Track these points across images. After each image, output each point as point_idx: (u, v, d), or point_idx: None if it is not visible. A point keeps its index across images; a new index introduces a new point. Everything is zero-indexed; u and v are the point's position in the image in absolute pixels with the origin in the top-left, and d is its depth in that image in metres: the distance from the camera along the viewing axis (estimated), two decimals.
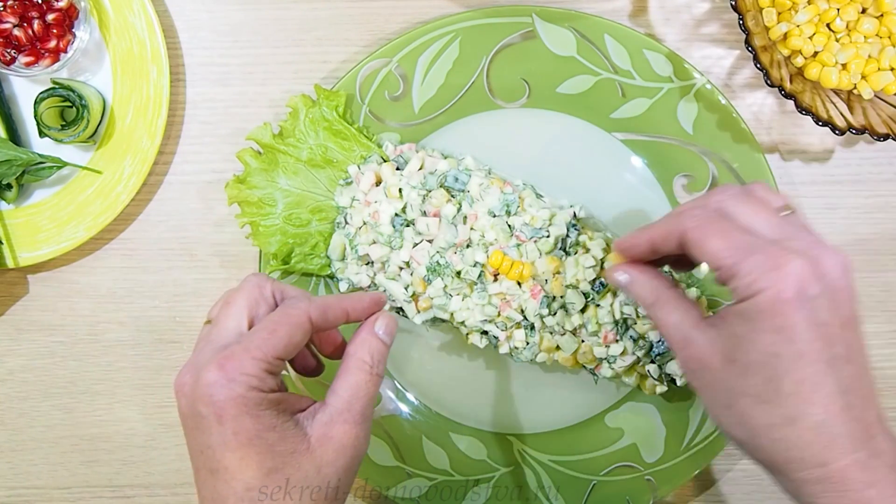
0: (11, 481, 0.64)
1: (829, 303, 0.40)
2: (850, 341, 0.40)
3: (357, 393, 0.44)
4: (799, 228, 0.42)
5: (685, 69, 0.58)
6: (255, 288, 0.45)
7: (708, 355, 0.42)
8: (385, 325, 0.46)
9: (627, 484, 0.59)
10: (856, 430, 0.39)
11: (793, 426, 0.40)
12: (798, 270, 0.39)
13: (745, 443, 0.42)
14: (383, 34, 0.62)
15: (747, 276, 0.40)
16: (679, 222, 0.44)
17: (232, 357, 0.41)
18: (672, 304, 0.45)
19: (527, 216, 0.56)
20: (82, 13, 0.59)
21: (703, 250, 0.42)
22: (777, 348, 0.40)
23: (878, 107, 0.57)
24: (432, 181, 0.57)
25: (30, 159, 0.60)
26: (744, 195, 0.44)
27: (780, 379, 0.40)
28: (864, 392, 0.40)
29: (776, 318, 0.39)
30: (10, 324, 0.64)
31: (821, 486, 0.40)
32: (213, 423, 0.40)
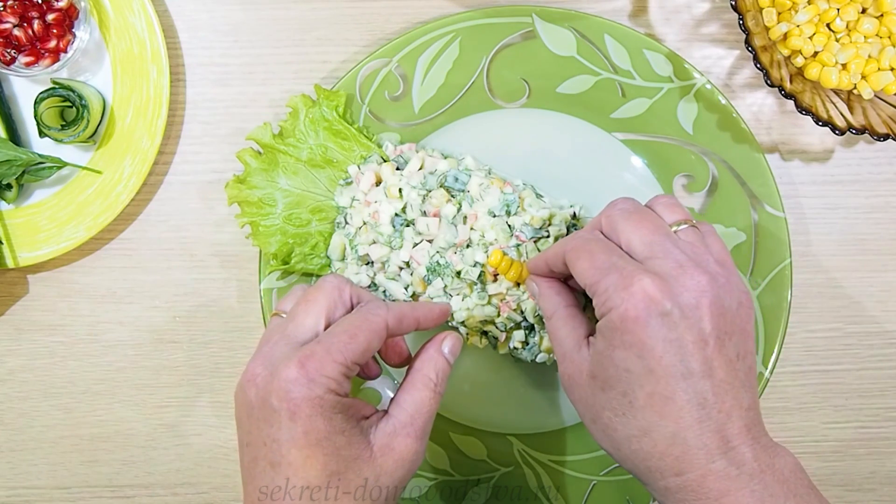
0: (11, 481, 0.64)
1: (683, 320, 0.41)
2: (707, 357, 0.41)
3: (420, 409, 0.45)
4: (679, 246, 0.44)
5: (685, 69, 0.58)
6: (334, 289, 0.46)
7: (577, 372, 0.45)
8: (451, 345, 0.48)
9: (627, 484, 0.59)
10: (711, 442, 0.41)
11: (647, 437, 0.42)
12: (645, 289, 0.41)
13: (612, 453, 0.45)
14: (383, 34, 0.62)
15: (603, 295, 0.43)
16: (563, 244, 0.47)
17: (313, 356, 0.42)
18: (563, 320, 0.47)
19: (527, 216, 0.56)
20: (82, 13, 0.60)
21: (574, 270, 0.45)
22: (628, 364, 0.41)
23: (878, 107, 0.57)
24: (432, 181, 0.57)
25: (30, 159, 0.60)
26: (630, 211, 0.46)
27: (633, 393, 0.42)
28: (727, 405, 0.41)
29: (626, 334, 0.41)
30: (10, 324, 0.64)
31: (680, 494, 0.41)
32: (285, 419, 0.41)
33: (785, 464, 0.42)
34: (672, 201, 0.47)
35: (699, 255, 0.43)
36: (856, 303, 0.63)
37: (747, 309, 0.44)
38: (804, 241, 0.62)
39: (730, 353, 0.42)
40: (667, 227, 0.45)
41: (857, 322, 0.63)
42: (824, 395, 0.63)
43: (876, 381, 0.63)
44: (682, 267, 0.42)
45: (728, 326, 0.42)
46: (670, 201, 0.47)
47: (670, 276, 0.42)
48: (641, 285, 0.41)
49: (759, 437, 0.42)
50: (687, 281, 0.42)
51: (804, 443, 0.63)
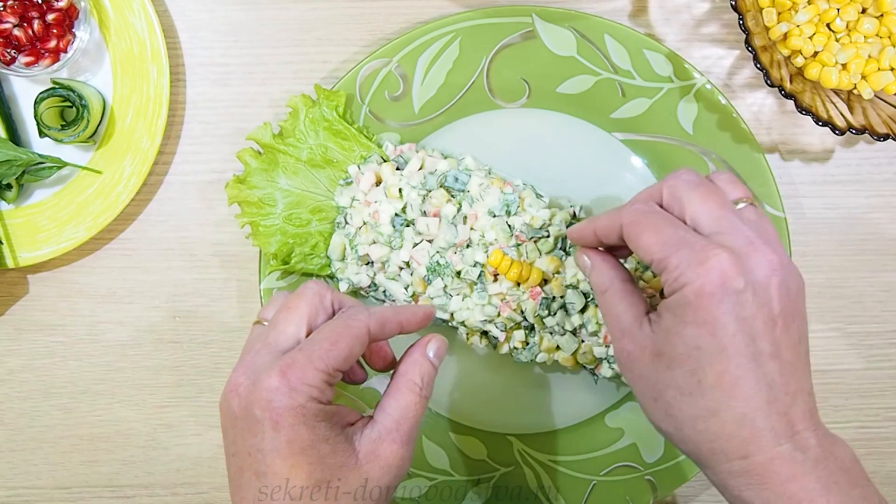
0: (11, 481, 0.64)
1: (755, 298, 0.40)
2: (776, 338, 0.41)
3: (406, 414, 0.45)
4: (746, 223, 0.43)
5: (685, 69, 0.58)
6: (315, 296, 0.45)
7: (639, 349, 0.44)
8: (436, 348, 0.47)
9: (627, 484, 0.59)
10: (779, 425, 0.40)
11: (715, 418, 0.41)
12: (722, 265, 0.40)
13: (672, 435, 0.43)
14: (383, 34, 0.62)
15: (675, 271, 0.41)
16: (619, 216, 0.45)
17: (294, 365, 0.41)
18: (620, 295, 0.46)
19: (527, 216, 0.56)
20: (82, 13, 0.59)
21: (637, 245, 0.44)
22: (699, 341, 0.41)
23: (878, 107, 0.57)
24: (432, 181, 0.57)
25: (30, 159, 0.60)
26: (697, 182, 0.44)
27: (702, 371, 0.41)
28: (792, 388, 0.41)
29: (699, 311, 0.40)
30: (10, 324, 0.64)
31: (744, 478, 0.41)
32: (268, 429, 0.41)
33: (845, 453, 0.41)
34: (734, 178, 0.46)
35: (762, 233, 0.43)
36: (856, 303, 0.63)
37: (804, 293, 0.43)
38: (804, 241, 0.62)
39: (794, 336, 0.41)
40: (731, 203, 0.44)
41: (857, 322, 0.63)
42: (824, 395, 0.63)
43: (876, 381, 0.63)
44: (752, 244, 0.41)
45: (792, 308, 0.41)
46: (732, 178, 0.46)
47: (743, 252, 0.41)
48: (718, 260, 0.40)
49: (819, 424, 0.42)
50: (759, 258, 0.41)
51: None
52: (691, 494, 0.63)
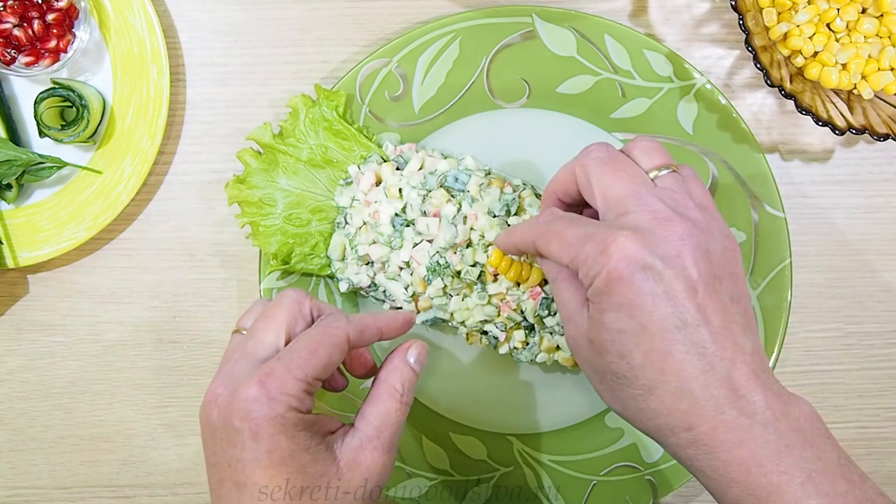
0: (11, 481, 0.64)
1: (667, 270, 0.40)
2: (700, 304, 0.40)
3: (387, 421, 0.44)
4: (658, 194, 0.42)
5: (685, 69, 0.58)
6: (294, 304, 0.45)
7: (579, 335, 0.44)
8: (417, 354, 0.47)
9: (627, 484, 0.59)
10: (719, 392, 0.40)
11: (652, 395, 0.41)
12: (624, 247, 0.40)
13: (621, 414, 0.44)
14: (383, 34, 0.62)
15: (584, 266, 0.42)
16: (529, 232, 0.46)
17: (273, 374, 0.41)
18: (566, 282, 0.46)
19: (527, 216, 0.56)
20: (82, 13, 0.59)
21: (550, 256, 0.45)
22: (619, 324, 0.41)
23: (878, 107, 0.57)
24: (432, 181, 0.57)
25: (30, 159, 0.60)
26: (605, 160, 0.45)
27: (630, 353, 0.41)
28: (729, 353, 0.40)
29: (612, 296, 0.40)
30: (10, 324, 0.64)
31: (692, 449, 0.40)
32: (248, 439, 0.41)
33: (800, 412, 0.40)
34: (652, 145, 0.45)
35: (678, 202, 0.42)
36: (856, 303, 0.63)
37: (733, 252, 0.42)
38: (804, 241, 0.62)
39: (723, 298, 0.41)
40: (644, 175, 0.44)
41: (857, 322, 0.63)
42: (824, 395, 0.63)
43: (876, 381, 0.63)
44: (658, 218, 0.41)
45: (716, 271, 0.41)
46: (649, 145, 0.45)
47: (647, 229, 0.41)
48: (618, 245, 0.40)
49: (770, 383, 0.40)
50: (664, 231, 0.41)
51: None
52: (691, 494, 0.63)
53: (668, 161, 0.45)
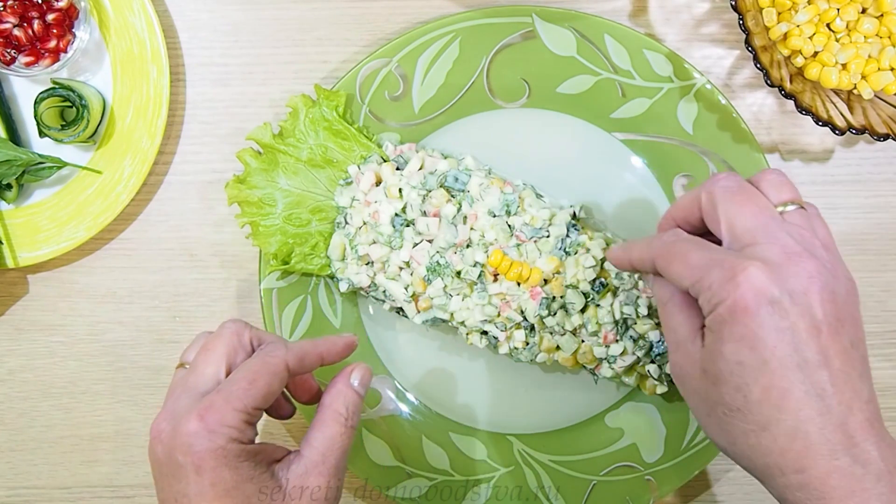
0: (11, 481, 0.64)
1: (793, 307, 0.39)
2: (823, 346, 0.39)
3: (332, 445, 0.45)
4: (787, 229, 0.42)
5: (685, 69, 0.58)
6: (233, 335, 0.45)
7: (690, 364, 0.43)
8: (360, 377, 0.47)
9: (627, 484, 0.59)
10: (834, 437, 0.39)
11: (766, 432, 0.40)
12: (752, 278, 0.39)
13: (727, 449, 0.43)
14: (383, 34, 0.62)
15: (707, 292, 0.41)
16: (649, 250, 0.45)
17: (212, 407, 0.41)
18: (679, 308, 0.45)
19: (527, 216, 0.56)
20: (82, 13, 0.59)
21: (670, 276, 0.44)
22: (740, 357, 0.40)
23: (878, 107, 0.57)
24: (432, 181, 0.57)
25: (30, 159, 0.60)
26: (734, 189, 0.44)
27: (747, 387, 0.40)
28: (847, 397, 0.39)
29: (735, 326, 0.40)
30: (10, 324, 0.64)
31: (801, 493, 0.39)
32: (191, 473, 0.41)
33: None
34: (781, 179, 0.44)
35: (806, 239, 0.41)
36: None
37: (855, 296, 0.42)
38: None
39: (844, 342, 0.40)
40: (772, 208, 0.43)
41: None
42: None
43: (876, 381, 0.62)
44: (788, 253, 0.40)
45: (840, 313, 0.40)
46: (779, 179, 0.44)
47: (776, 262, 0.40)
48: (747, 274, 0.39)
49: (884, 434, 0.40)
50: (794, 267, 0.40)
51: None
52: (691, 494, 0.63)
53: (797, 197, 0.44)
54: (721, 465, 0.63)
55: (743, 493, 0.63)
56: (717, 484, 0.63)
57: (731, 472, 0.63)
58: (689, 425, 0.59)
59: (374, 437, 0.59)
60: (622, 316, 0.55)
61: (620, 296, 0.55)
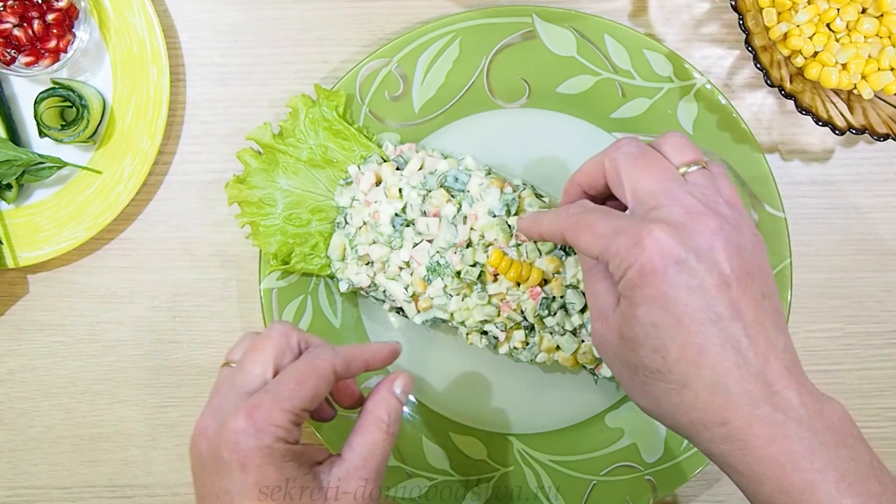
0: (11, 481, 0.64)
1: (700, 264, 0.40)
2: (733, 298, 0.40)
3: (373, 451, 0.45)
4: (690, 190, 0.42)
5: (685, 69, 0.58)
6: (282, 337, 0.46)
7: (610, 331, 0.44)
8: (403, 385, 0.48)
9: (627, 484, 0.59)
10: (754, 387, 0.39)
11: (687, 390, 0.40)
12: (656, 240, 0.40)
13: (651, 411, 0.43)
14: (383, 34, 0.62)
15: (615, 258, 0.42)
16: (558, 222, 0.46)
17: (261, 406, 0.41)
18: (603, 276, 0.45)
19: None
20: (82, 13, 0.59)
21: (579, 247, 0.44)
22: (653, 318, 0.40)
23: (878, 107, 0.57)
24: (432, 181, 0.57)
25: (30, 159, 0.60)
26: (636, 154, 0.44)
27: (664, 347, 0.40)
28: (762, 348, 0.40)
29: (645, 289, 0.40)
30: (10, 324, 0.64)
31: (726, 444, 0.40)
32: (236, 471, 0.41)
33: (833, 411, 0.40)
34: (682, 141, 0.45)
35: (709, 198, 0.42)
36: (856, 303, 0.63)
37: (761, 249, 0.42)
38: (804, 241, 0.62)
39: (755, 294, 0.41)
40: (675, 170, 0.43)
41: (857, 322, 0.63)
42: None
43: (876, 381, 0.63)
44: (691, 212, 0.41)
45: (748, 266, 0.41)
46: (680, 141, 0.45)
47: (680, 223, 0.41)
48: (652, 237, 0.40)
49: (803, 381, 0.40)
50: (697, 226, 0.40)
51: None
52: (691, 494, 0.63)
53: (699, 157, 0.44)
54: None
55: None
56: (717, 484, 0.63)
57: None
58: None
59: None
60: None
61: None
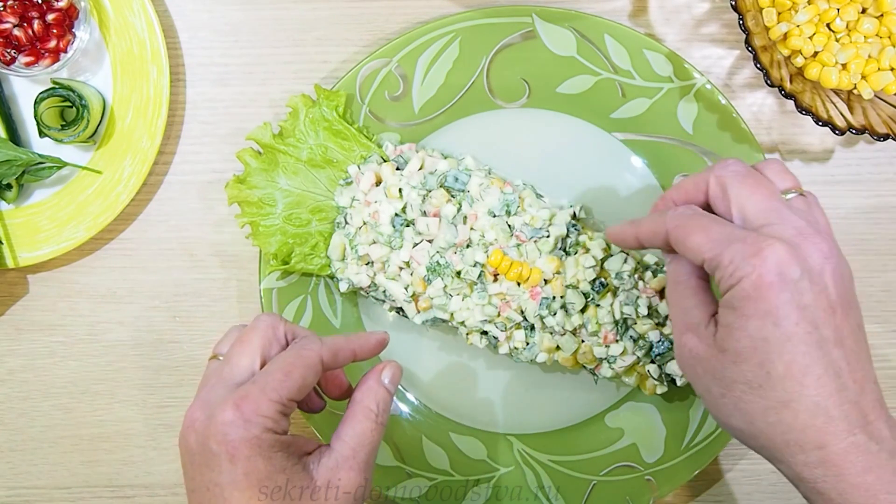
0: (11, 481, 0.64)
1: (812, 286, 0.40)
2: (838, 325, 0.40)
3: (362, 441, 0.45)
4: (795, 212, 0.43)
5: (685, 69, 0.58)
6: (268, 328, 0.46)
7: (703, 345, 0.43)
8: (391, 375, 0.48)
9: (627, 484, 0.59)
10: (852, 413, 0.40)
11: (787, 409, 0.40)
12: (777, 254, 0.40)
13: (742, 430, 0.43)
14: (383, 34, 0.62)
15: (729, 266, 0.41)
16: (663, 221, 0.45)
17: (248, 397, 0.41)
18: (693, 290, 0.45)
19: (527, 216, 0.56)
20: (82, 13, 0.59)
21: (686, 247, 0.43)
22: (765, 332, 0.40)
23: (878, 107, 0.57)
24: (432, 181, 0.57)
25: (30, 159, 0.60)
26: (744, 174, 0.44)
27: (771, 362, 0.40)
28: (859, 376, 0.40)
29: (760, 302, 0.40)
30: (10, 324, 0.64)
31: (820, 469, 0.40)
32: (225, 462, 0.41)
33: None
34: (783, 168, 0.45)
35: (814, 222, 0.43)
36: None
37: (853, 282, 0.43)
38: None
39: (853, 323, 0.41)
40: (780, 193, 0.44)
41: None
42: None
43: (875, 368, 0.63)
44: (803, 233, 0.41)
45: (849, 295, 0.41)
46: (781, 168, 0.45)
47: (794, 242, 0.41)
48: (772, 250, 0.40)
49: (889, 415, 0.41)
50: (812, 247, 0.41)
51: None
52: (691, 494, 0.63)
53: (798, 184, 0.45)
54: (721, 465, 0.63)
55: (743, 492, 0.63)
56: (717, 484, 0.63)
57: (731, 472, 0.63)
58: (689, 425, 0.59)
59: None
60: (622, 316, 0.55)
61: (620, 296, 0.55)
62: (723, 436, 0.58)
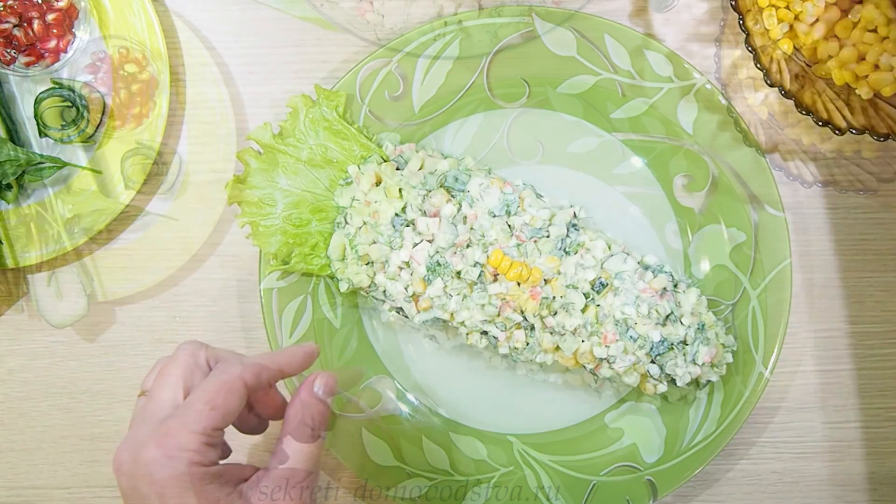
0: (11, 481, 0.64)
1: None
2: None
3: (300, 458, 0.44)
4: None
5: (685, 69, 0.58)
6: (189, 356, 0.45)
7: None
8: (324, 385, 0.46)
9: (627, 484, 0.59)
10: None
11: None
12: None
13: None
14: (383, 34, 0.62)
15: None
16: None
17: (170, 433, 0.41)
18: None
19: (527, 216, 0.56)
20: (82, 13, 0.60)
21: None
22: None
23: (878, 107, 0.57)
24: (432, 181, 0.57)
25: (30, 159, 0.60)
26: None
27: None
28: None
29: None
30: (10, 324, 0.64)
31: None
32: (156, 502, 0.40)
33: None
34: None
35: None
36: (856, 303, 0.63)
37: None
38: (804, 241, 0.62)
39: None
40: None
41: (857, 322, 0.63)
42: (824, 395, 0.63)
43: (876, 381, 0.63)
44: None
45: None
46: None
47: None
48: None
49: None
50: None
51: (804, 443, 0.63)
52: (691, 494, 0.63)
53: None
54: (721, 465, 0.63)
55: (743, 492, 0.63)
56: (717, 484, 0.63)
57: (730, 472, 0.63)
58: (688, 425, 0.59)
59: (374, 437, 0.59)
60: (622, 316, 0.55)
61: (620, 296, 0.55)
62: (723, 436, 0.58)
